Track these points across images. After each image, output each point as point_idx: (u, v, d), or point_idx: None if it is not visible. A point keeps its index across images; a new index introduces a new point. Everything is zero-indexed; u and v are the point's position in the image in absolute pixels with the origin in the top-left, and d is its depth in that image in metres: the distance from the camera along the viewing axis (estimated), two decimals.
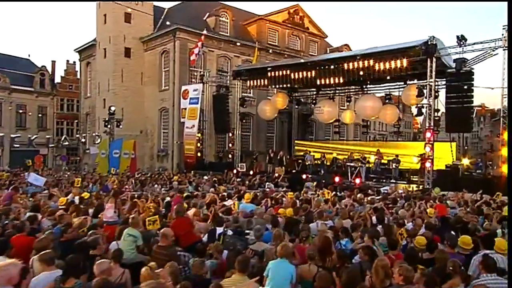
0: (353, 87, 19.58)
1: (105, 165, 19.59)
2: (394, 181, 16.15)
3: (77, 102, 35.28)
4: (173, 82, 23.87)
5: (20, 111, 33.66)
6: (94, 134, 24.22)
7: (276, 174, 16.70)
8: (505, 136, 12.85)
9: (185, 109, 22.15)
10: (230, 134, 20.77)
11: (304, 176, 16.67)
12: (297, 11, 30.32)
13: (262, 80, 18.87)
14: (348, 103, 20.96)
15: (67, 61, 36.64)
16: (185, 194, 9.24)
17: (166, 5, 29.44)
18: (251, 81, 19.52)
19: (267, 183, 14.29)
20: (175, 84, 23.62)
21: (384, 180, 16.44)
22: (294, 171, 20.74)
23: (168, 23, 24.54)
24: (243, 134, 27.19)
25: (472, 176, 14.68)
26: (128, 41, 25.62)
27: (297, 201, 8.67)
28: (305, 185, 14.81)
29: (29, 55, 53.66)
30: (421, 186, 14.21)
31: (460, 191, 12.77)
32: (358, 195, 10.54)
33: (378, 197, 9.98)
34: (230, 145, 20.94)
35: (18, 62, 34.90)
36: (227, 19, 26.38)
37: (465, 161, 16.34)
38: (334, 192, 11.54)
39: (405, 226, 6.41)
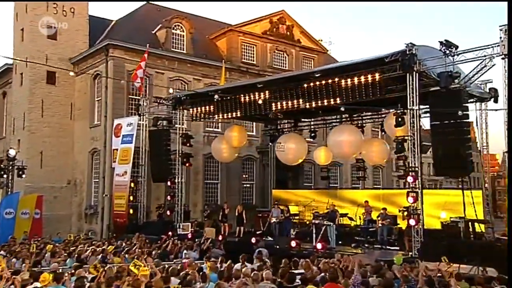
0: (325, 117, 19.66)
1: None
2: (379, 246, 15.59)
3: None
4: (105, 115, 24.19)
5: None
6: None
7: (204, 237, 16.17)
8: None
9: (117, 150, 22.27)
10: (169, 183, 20.46)
11: (253, 240, 16.12)
12: (282, 19, 31.09)
13: (207, 108, 18.97)
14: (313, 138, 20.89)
15: None
16: None
17: (115, 16, 30.35)
18: (195, 110, 19.64)
19: (186, 251, 13.73)
20: (107, 118, 23.91)
21: (366, 245, 15.91)
22: (258, 232, 20.36)
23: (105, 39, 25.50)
24: (209, 182, 27.27)
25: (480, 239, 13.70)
26: (52, 63, 26.40)
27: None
28: (256, 253, 14.28)
29: None
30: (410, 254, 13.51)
31: (460, 260, 12.03)
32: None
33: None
34: (169, 197, 20.56)
35: None
36: (183, 31, 27.15)
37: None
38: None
39: None
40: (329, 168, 23.44)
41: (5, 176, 20.83)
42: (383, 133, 18.57)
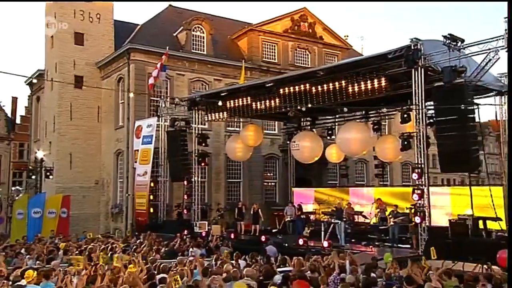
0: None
1: (21, 230, 20.51)
2: (390, 244, 15.49)
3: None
4: (127, 117, 25.08)
5: None
6: (13, 188, 25.69)
7: (211, 235, 16.54)
8: None
9: (138, 150, 23.05)
10: (185, 183, 21.00)
11: (263, 238, 16.37)
12: (304, 16, 31.07)
13: (220, 110, 19.39)
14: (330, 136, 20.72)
15: (29, 96, 40.03)
16: None
17: (141, 20, 31.36)
18: (210, 112, 20.07)
19: (192, 248, 14.14)
20: (130, 120, 24.77)
21: (377, 243, 15.86)
22: (274, 230, 20.64)
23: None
24: (231, 182, 27.73)
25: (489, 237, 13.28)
26: (79, 68, 27.68)
27: None
28: (266, 250, 14.61)
29: None
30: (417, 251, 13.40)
31: (466, 259, 11.90)
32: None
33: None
34: (185, 197, 21.12)
35: None
36: (203, 33, 27.68)
37: None
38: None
39: None
40: (348, 166, 23.31)
41: (33, 177, 21.89)
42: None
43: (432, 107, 14.37)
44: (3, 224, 29.96)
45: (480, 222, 13.60)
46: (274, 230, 20.65)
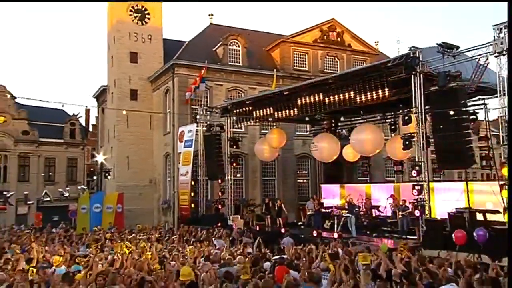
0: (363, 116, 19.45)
1: (85, 222, 22.18)
2: (398, 235, 15.36)
3: None
4: (173, 124, 26.30)
5: (49, 164, 40.03)
6: (79, 187, 27.55)
7: (234, 227, 17.04)
8: (504, 171, 11.28)
9: (181, 153, 24.14)
10: (220, 181, 21.74)
11: (282, 230, 16.74)
12: (333, 26, 31.02)
13: (248, 116, 19.98)
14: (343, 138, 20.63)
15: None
16: None
17: (188, 37, 32.64)
18: (240, 118, 20.73)
19: (214, 239, 14.78)
20: (175, 126, 25.96)
21: (387, 235, 15.82)
22: (300, 223, 20.93)
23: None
24: (266, 179, 28.26)
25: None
26: (134, 82, 29.35)
27: None
28: (282, 242, 15.05)
29: (62, 105, 63.86)
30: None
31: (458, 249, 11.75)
32: None
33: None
34: (220, 193, 21.86)
35: (50, 113, 42.03)
36: (238, 46, 28.42)
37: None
38: None
39: None
40: (370, 164, 23.08)
41: (94, 177, 23.53)
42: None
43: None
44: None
45: (479, 214, 13.26)
46: (299, 223, 20.95)
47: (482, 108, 16.12)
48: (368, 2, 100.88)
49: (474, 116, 15.84)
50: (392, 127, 19.61)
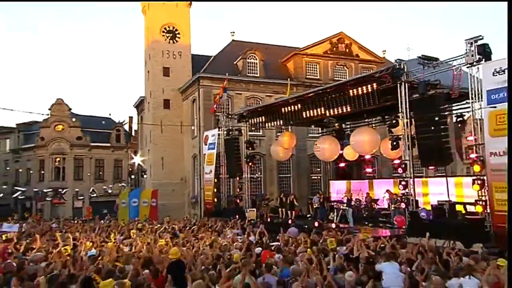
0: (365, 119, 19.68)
1: (125, 214, 23.41)
2: (389, 225, 15.55)
3: None
4: (198, 129, 27.24)
5: (99, 165, 42.10)
6: (120, 185, 28.85)
7: (247, 218, 17.57)
8: (475, 168, 11.37)
9: (205, 155, 24.99)
10: (238, 179, 22.41)
11: (289, 221, 17.20)
12: (342, 39, 31.16)
13: (260, 120, 20.60)
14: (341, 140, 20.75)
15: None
16: None
17: (213, 51, 33.62)
18: (252, 122, 21.37)
19: (225, 229, 15.40)
20: (201, 131, 26.88)
21: (381, 225, 15.99)
22: (308, 215, 21.25)
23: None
24: (282, 177, 28.75)
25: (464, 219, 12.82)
26: (166, 93, 30.54)
27: None
28: (288, 231, 15.55)
29: (110, 114, 66.98)
30: None
31: (437, 237, 11.90)
32: None
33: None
34: (238, 189, 22.53)
35: (99, 121, 44.20)
36: (256, 59, 29.06)
37: None
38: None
39: None
40: (372, 162, 23.12)
41: (133, 176, 24.73)
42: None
43: None
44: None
45: (459, 206, 13.35)
46: (308, 216, 21.28)
47: (468, 111, 16.02)
48: (378, 12, 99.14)
49: (462, 118, 15.96)
50: (391, 129, 19.63)
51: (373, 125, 21.04)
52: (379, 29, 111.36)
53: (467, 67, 11.96)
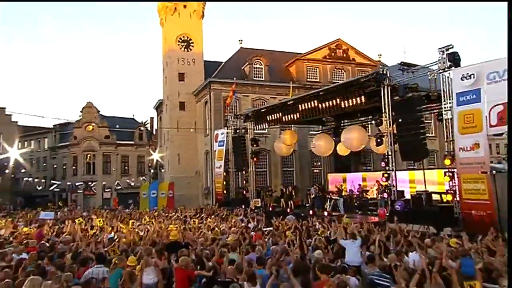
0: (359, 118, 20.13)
1: (145, 204, 24.39)
2: (376, 213, 15.94)
3: None
4: (210, 128, 28.00)
5: (124, 161, 43.36)
6: (141, 178, 29.83)
7: (252, 206, 18.20)
8: (446, 161, 11.80)
9: (216, 151, 25.75)
10: (244, 172, 23.10)
11: (288, 210, 17.81)
12: (339, 45, 31.42)
13: (262, 120, 21.21)
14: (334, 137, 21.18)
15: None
16: None
17: (223, 57, 34.33)
18: (257, 122, 22.00)
19: (231, 216, 16.12)
20: (212, 130, 27.64)
21: (368, 212, 16.45)
22: (307, 205, 21.78)
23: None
24: (285, 170, 29.33)
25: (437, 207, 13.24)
26: (182, 96, 31.36)
27: None
28: (287, 218, 16.20)
29: (133, 115, 68.45)
30: None
31: (415, 222, 12.37)
32: None
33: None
34: (244, 182, 23.22)
35: (124, 121, 45.44)
36: (261, 64, 29.61)
37: None
38: None
39: None
40: (366, 156, 23.50)
41: (152, 170, 25.65)
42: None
43: None
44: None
45: (437, 195, 13.77)
46: (307, 205, 21.80)
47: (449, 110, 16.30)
48: (376, 17, 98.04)
49: (441, 117, 16.25)
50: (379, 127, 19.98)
51: (367, 123, 21.50)
52: (376, 34, 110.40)
53: (440, 73, 12.32)
